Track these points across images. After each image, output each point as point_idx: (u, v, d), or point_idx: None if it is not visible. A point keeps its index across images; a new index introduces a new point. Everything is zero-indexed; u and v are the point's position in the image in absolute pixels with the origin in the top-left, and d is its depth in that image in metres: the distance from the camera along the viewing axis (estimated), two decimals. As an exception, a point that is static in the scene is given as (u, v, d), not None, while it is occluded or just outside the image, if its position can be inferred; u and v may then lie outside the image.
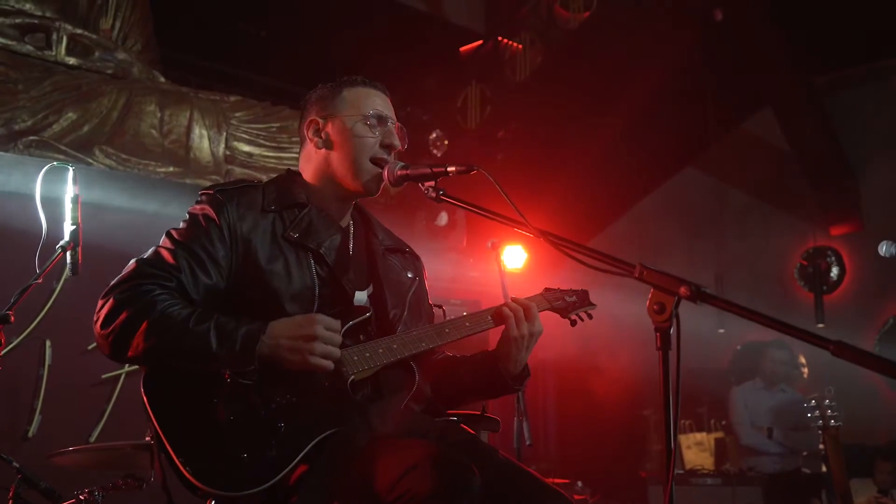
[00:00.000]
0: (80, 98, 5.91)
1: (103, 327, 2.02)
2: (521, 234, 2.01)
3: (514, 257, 6.54)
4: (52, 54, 5.98)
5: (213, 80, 7.38)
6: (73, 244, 2.81)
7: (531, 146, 7.66)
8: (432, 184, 2.16)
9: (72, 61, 6.07)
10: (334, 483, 1.94)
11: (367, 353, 2.14)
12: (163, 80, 6.56)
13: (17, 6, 5.97)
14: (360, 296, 2.26)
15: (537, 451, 7.61)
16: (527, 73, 8.02)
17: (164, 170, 6.17)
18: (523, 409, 3.92)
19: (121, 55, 6.35)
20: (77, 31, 6.19)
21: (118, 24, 6.52)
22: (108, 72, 6.20)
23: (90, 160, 5.84)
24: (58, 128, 5.76)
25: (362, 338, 2.19)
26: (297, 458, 1.93)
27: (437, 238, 7.49)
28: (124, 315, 2.00)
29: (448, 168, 2.13)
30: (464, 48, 8.83)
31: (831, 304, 7.73)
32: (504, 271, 3.67)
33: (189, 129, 6.35)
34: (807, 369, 7.42)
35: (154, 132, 6.20)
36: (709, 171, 8.62)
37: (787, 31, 7.02)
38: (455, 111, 8.39)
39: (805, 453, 6.22)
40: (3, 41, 5.75)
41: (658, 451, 7.33)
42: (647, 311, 1.63)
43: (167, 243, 2.14)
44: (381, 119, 2.31)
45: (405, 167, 2.22)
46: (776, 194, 8.35)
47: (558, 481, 5.61)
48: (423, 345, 2.22)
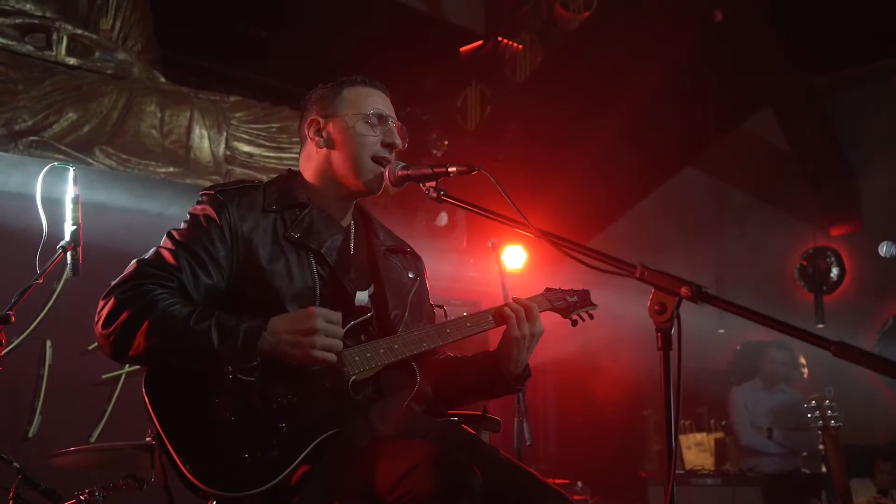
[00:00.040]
0: (81, 98, 5.91)
1: (104, 327, 2.02)
2: (521, 234, 2.00)
3: (514, 257, 6.53)
4: (53, 54, 5.98)
5: (213, 81, 7.37)
6: (74, 244, 2.81)
7: (531, 146, 7.66)
8: (433, 184, 2.16)
9: (72, 61, 6.06)
10: (335, 483, 1.94)
11: (368, 354, 2.14)
12: (163, 80, 6.55)
13: (17, 6, 5.97)
14: (362, 296, 2.26)
15: (537, 452, 7.61)
16: (527, 74, 8.02)
17: (164, 170, 6.17)
18: (524, 409, 3.93)
19: (121, 55, 6.34)
20: (77, 31, 6.18)
21: (118, 24, 6.51)
22: (109, 72, 6.19)
23: (90, 160, 5.83)
24: (58, 128, 5.75)
25: (363, 338, 2.19)
26: (299, 459, 1.93)
27: (438, 238, 7.48)
28: (125, 315, 2.00)
29: (449, 168, 2.14)
30: (464, 48, 8.83)
31: (831, 304, 7.73)
32: (504, 271, 3.68)
33: (189, 130, 6.35)
34: (807, 369, 7.41)
35: (154, 132, 6.19)
36: (709, 171, 8.62)
37: (786, 31, 7.03)
38: (455, 111, 8.39)
39: (805, 454, 6.23)
40: (4, 41, 5.74)
41: (658, 451, 7.33)
42: (649, 312, 1.63)
43: (168, 244, 2.14)
44: (381, 118, 2.31)
45: (406, 167, 2.22)
46: (776, 194, 8.35)
47: (558, 481, 5.61)
48: (425, 345, 2.22)
